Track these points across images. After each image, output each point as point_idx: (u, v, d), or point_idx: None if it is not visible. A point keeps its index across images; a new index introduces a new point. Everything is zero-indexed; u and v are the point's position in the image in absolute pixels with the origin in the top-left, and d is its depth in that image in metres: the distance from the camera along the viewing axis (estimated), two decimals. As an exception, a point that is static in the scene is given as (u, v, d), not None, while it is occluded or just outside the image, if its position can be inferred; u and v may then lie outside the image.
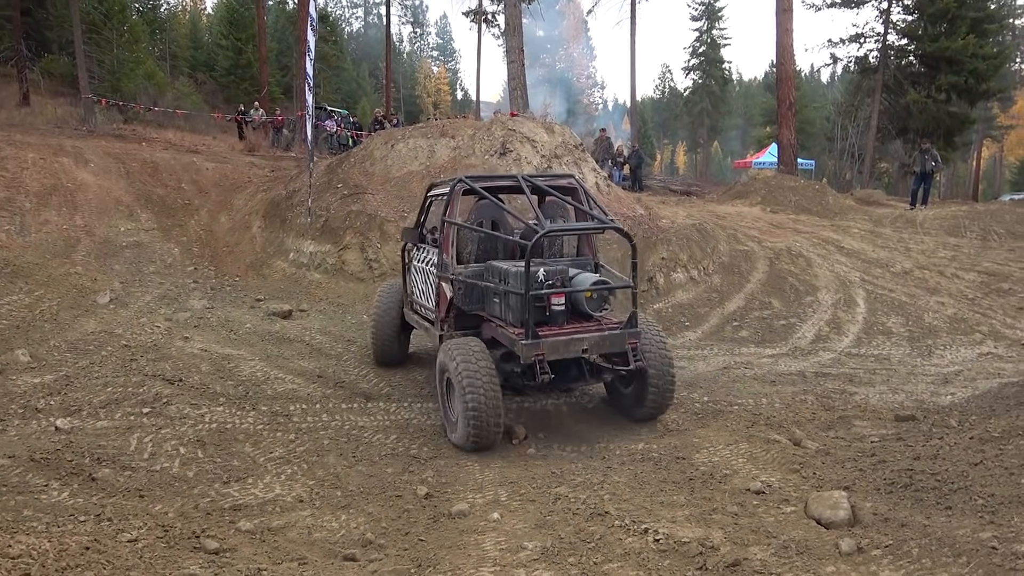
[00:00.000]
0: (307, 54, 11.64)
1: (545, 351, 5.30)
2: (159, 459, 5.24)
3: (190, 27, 48.87)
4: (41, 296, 8.64)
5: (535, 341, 5.27)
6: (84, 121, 22.59)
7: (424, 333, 7.15)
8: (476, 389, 5.29)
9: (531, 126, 12.36)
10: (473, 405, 5.28)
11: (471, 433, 5.39)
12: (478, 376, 5.33)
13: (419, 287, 7.08)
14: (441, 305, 6.28)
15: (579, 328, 5.58)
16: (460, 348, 5.55)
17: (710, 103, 51.61)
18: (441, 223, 6.25)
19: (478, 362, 5.42)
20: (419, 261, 7.07)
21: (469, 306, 6.16)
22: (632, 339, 5.58)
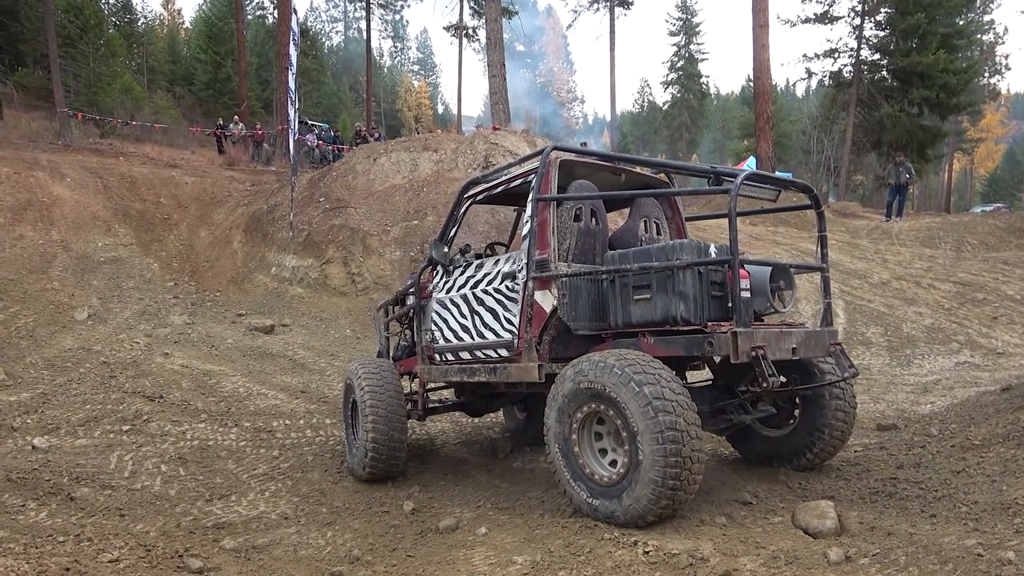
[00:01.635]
0: (289, 68, 11.62)
1: (762, 343, 3.60)
2: (140, 477, 5.16)
3: (168, 41, 48.55)
4: (17, 312, 8.50)
5: (751, 329, 3.61)
6: (60, 135, 22.31)
7: (486, 378, 4.73)
8: (677, 420, 3.38)
9: (513, 140, 12.41)
10: (675, 450, 3.35)
11: (666, 494, 3.41)
12: (676, 402, 3.42)
13: (457, 323, 5.03)
14: (535, 323, 4.30)
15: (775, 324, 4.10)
16: (626, 362, 3.55)
17: (688, 117, 52.19)
18: (532, 206, 4.38)
19: (668, 382, 3.48)
20: (456, 288, 5.08)
21: (578, 322, 4.27)
22: (834, 339, 4.19)
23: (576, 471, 3.85)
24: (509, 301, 4.55)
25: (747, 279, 3.78)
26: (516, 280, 4.49)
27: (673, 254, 3.91)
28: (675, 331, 3.85)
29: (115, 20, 41.36)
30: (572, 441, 3.86)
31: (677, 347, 3.81)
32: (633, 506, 3.48)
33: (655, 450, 3.36)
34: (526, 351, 4.36)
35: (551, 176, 4.43)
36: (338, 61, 56.99)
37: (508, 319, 4.56)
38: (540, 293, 4.29)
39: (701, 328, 3.72)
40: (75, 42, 30.02)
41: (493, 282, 4.72)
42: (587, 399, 3.72)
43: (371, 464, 5.12)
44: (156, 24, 52.53)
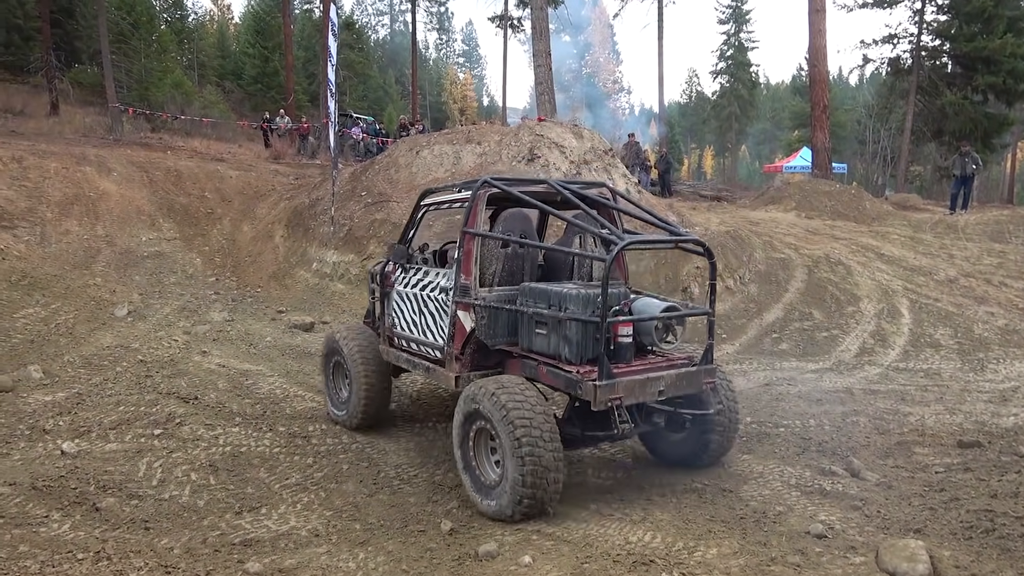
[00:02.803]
0: (329, 60, 11.40)
1: (622, 394, 4.20)
2: (168, 486, 4.95)
3: (218, 36, 49.27)
4: (58, 309, 8.45)
5: (611, 382, 4.14)
6: (111, 130, 22.68)
7: (423, 375, 5.63)
8: (539, 444, 4.09)
9: (559, 131, 12.00)
10: (534, 466, 4.07)
11: (526, 498, 4.14)
12: (540, 428, 4.14)
13: (408, 318, 5.65)
14: (457, 339, 4.96)
15: (650, 364, 4.54)
16: (508, 389, 4.28)
17: (738, 107, 50.82)
18: (460, 236, 4.94)
19: (536, 409, 4.20)
20: (409, 285, 5.67)
21: (494, 339, 4.88)
22: (709, 378, 4.66)
23: (468, 466, 4.66)
24: (443, 312, 5.18)
25: (629, 327, 4.44)
26: (448, 295, 5.07)
27: (562, 303, 4.47)
28: (559, 369, 4.41)
29: (166, 16, 42.04)
30: (469, 443, 4.63)
31: (559, 382, 4.44)
32: (504, 504, 4.26)
33: (514, 461, 4.11)
34: (449, 361, 5.10)
35: (479, 209, 4.96)
36: (384, 54, 57.12)
37: (442, 327, 5.20)
38: (462, 313, 4.95)
39: (577, 371, 4.29)
40: (127, 39, 30.52)
41: (434, 291, 5.32)
42: (476, 418, 4.48)
43: (362, 417, 5.98)
44: (206, 20, 53.36)
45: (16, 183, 12.05)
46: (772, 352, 9.31)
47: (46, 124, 23.01)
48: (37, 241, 10.51)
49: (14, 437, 5.53)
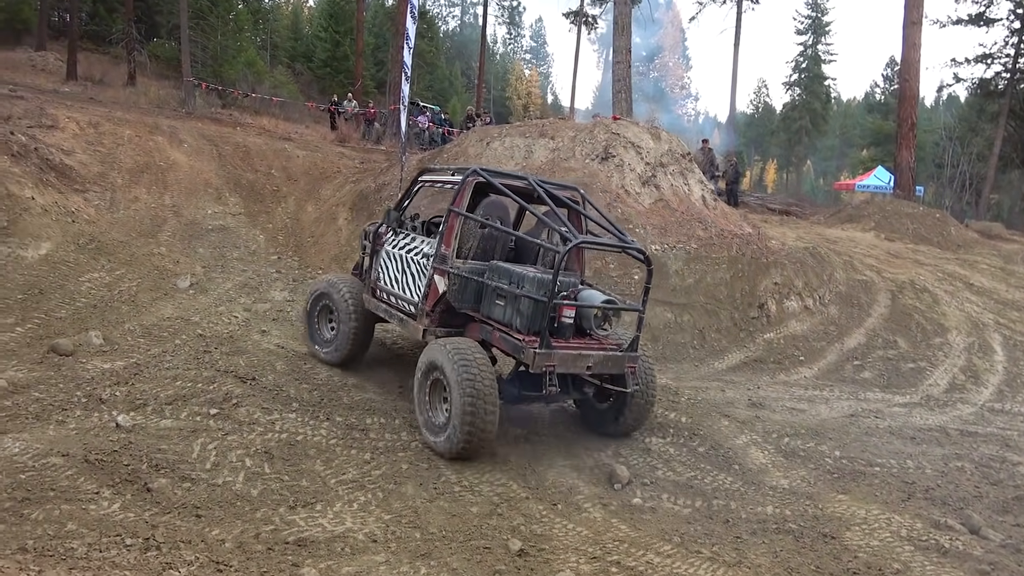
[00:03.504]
0: (406, 43, 11.15)
1: (556, 363, 5.16)
2: (222, 471, 4.70)
3: (292, 18, 49.95)
4: (122, 276, 8.36)
5: (549, 351, 5.12)
6: (184, 103, 23.00)
7: (396, 325, 6.52)
8: (479, 394, 5.02)
9: (636, 131, 11.52)
10: (472, 411, 5.00)
11: (463, 440, 5.10)
12: (482, 381, 5.07)
13: (392, 275, 6.49)
14: (430, 298, 5.88)
15: (585, 344, 5.49)
16: (460, 348, 5.25)
17: (809, 120, 49.27)
18: (447, 213, 5.88)
19: (481, 366, 5.15)
20: (397, 247, 6.48)
21: (461, 304, 5.83)
22: (631, 363, 5.55)
23: (423, 409, 5.51)
24: (422, 274, 6.00)
25: (573, 311, 5.35)
26: (429, 260, 5.91)
27: (521, 282, 5.39)
28: (510, 335, 5.32)
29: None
30: (426, 393, 5.49)
31: (508, 346, 5.37)
32: (449, 442, 5.15)
33: (459, 407, 4.99)
34: (420, 316, 5.93)
35: (465, 194, 5.82)
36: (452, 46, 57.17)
37: (419, 287, 6.02)
38: (438, 277, 5.79)
39: (523, 339, 5.20)
40: (206, 15, 31.02)
41: (417, 255, 6.14)
42: (433, 370, 5.36)
43: (347, 353, 6.70)
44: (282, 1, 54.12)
45: (91, 148, 12.12)
46: (854, 380, 8.71)
47: (123, 94, 23.46)
48: (107, 206, 10.52)
49: (71, 404, 5.36)
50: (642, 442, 6.04)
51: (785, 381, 8.42)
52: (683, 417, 6.55)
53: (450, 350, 5.22)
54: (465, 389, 5.01)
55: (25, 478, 4.18)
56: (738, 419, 6.58)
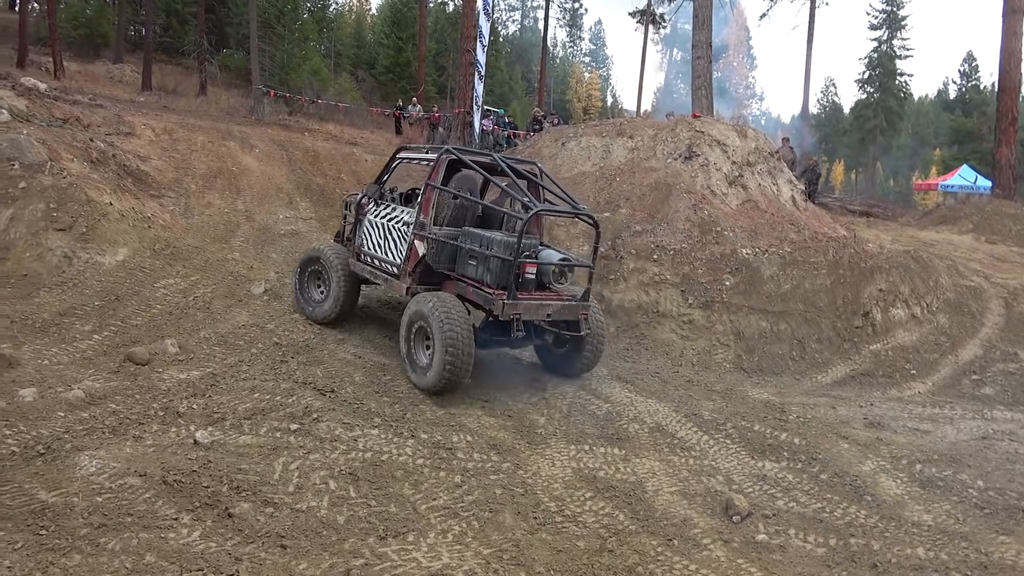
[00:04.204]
0: (479, 41, 10.78)
1: (521, 311, 6.11)
2: (306, 494, 4.34)
3: (355, 26, 50.55)
4: (196, 282, 8.20)
5: (515, 301, 6.06)
6: (253, 111, 23.25)
7: (381, 285, 7.45)
8: (456, 338, 5.87)
9: (722, 128, 10.87)
10: (452, 353, 5.86)
11: (446, 376, 5.93)
12: (459, 327, 5.94)
13: (375, 240, 7.40)
14: (411, 260, 6.81)
15: (545, 296, 6.43)
16: (441, 301, 6.14)
17: (884, 119, 47.10)
18: (424, 186, 6.83)
19: (458, 315, 6.05)
20: (379, 216, 7.39)
21: (438, 264, 6.75)
22: (584, 310, 6.54)
23: (409, 354, 6.34)
24: (403, 239, 6.93)
25: (535, 268, 6.33)
26: (409, 228, 6.86)
27: (490, 245, 6.29)
28: (482, 289, 6.23)
29: (309, 5, 43.38)
30: (411, 337, 6.31)
31: (479, 299, 6.28)
32: (431, 380, 5.99)
33: (441, 351, 5.85)
34: (403, 276, 6.88)
35: (439, 170, 6.78)
36: (512, 50, 56.91)
37: (401, 251, 6.96)
38: (418, 242, 6.72)
39: (492, 292, 6.11)
40: (273, 25, 31.48)
41: (398, 223, 7.07)
42: (418, 319, 6.18)
43: (336, 311, 7.47)
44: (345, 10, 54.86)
45: (166, 154, 12.15)
46: (975, 397, 7.91)
47: (195, 103, 23.89)
48: (181, 212, 10.46)
49: (147, 418, 5.11)
50: (754, 466, 5.47)
51: (899, 397, 7.68)
52: (795, 438, 5.93)
53: (433, 303, 6.09)
54: (446, 335, 5.86)
55: (102, 501, 3.90)
56: (858, 441, 5.93)
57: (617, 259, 9.14)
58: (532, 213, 6.18)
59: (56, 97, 13.15)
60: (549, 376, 7.07)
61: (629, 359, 8.11)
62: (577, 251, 9.24)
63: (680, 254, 9.07)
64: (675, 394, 6.98)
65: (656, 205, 9.83)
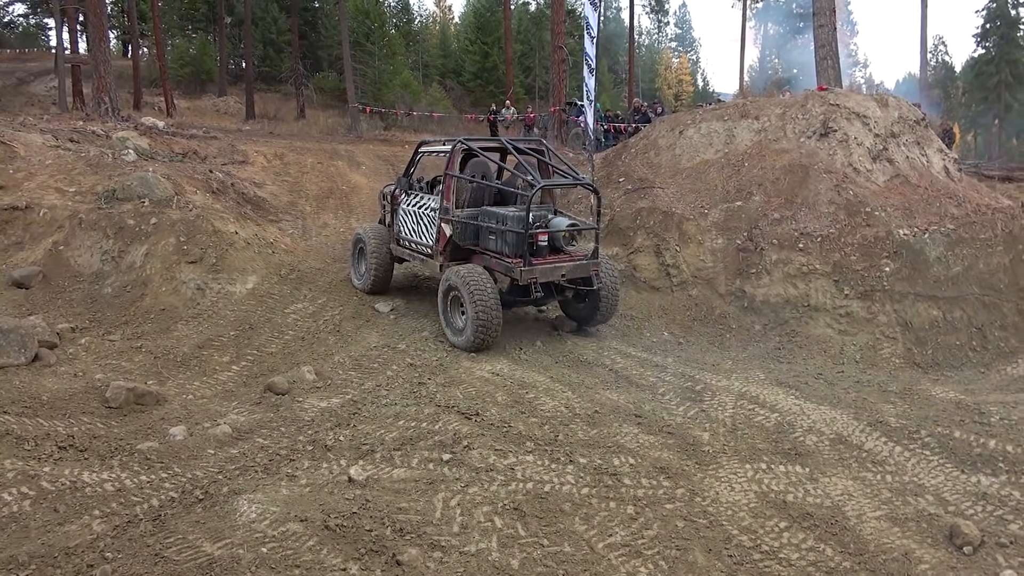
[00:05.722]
0: (588, 32, 10.29)
1: (537, 275, 6.97)
2: (472, 534, 3.99)
3: (439, 36, 51.03)
4: (324, 304, 8.11)
5: (531, 267, 6.92)
6: (351, 129, 23.66)
7: (418, 264, 8.63)
8: (485, 303, 6.75)
9: (859, 99, 9.91)
10: (483, 316, 6.74)
11: (478, 337, 6.84)
12: (486, 293, 6.79)
13: (410, 226, 8.35)
14: (441, 241, 7.67)
15: (558, 259, 7.26)
16: (469, 272, 7.01)
17: (1010, 73, 43.15)
18: (444, 175, 7.69)
19: (485, 283, 6.89)
20: (410, 205, 8.35)
21: (464, 242, 7.60)
22: (594, 267, 7.32)
23: (449, 322, 7.28)
24: (432, 223, 7.86)
25: (546, 235, 7.26)
26: (436, 212, 7.75)
27: (505, 220, 7.24)
28: (503, 259, 7.23)
29: (395, 21, 44.09)
30: (447, 308, 7.27)
31: (501, 268, 7.28)
32: (466, 339, 6.97)
33: (473, 316, 6.81)
34: (436, 254, 7.82)
35: (455, 160, 7.67)
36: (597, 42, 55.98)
37: (431, 233, 7.89)
38: (444, 225, 7.61)
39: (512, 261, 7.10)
40: (362, 44, 32.06)
41: (427, 209, 8.00)
42: (451, 288, 7.13)
43: (372, 283, 8.53)
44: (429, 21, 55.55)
45: (279, 178, 12.33)
46: None
47: (296, 126, 24.57)
48: (300, 234, 10.50)
49: (297, 453, 4.91)
50: (968, 482, 4.72)
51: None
52: (1008, 445, 5.12)
53: (463, 274, 6.98)
54: (476, 301, 6.73)
55: (267, 552, 3.67)
56: (1088, 446, 5.05)
57: (757, 251, 8.43)
58: (537, 188, 6.93)
59: (173, 133, 13.64)
60: (697, 380, 6.49)
61: (783, 360, 7.40)
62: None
63: (828, 240, 8.26)
64: (847, 398, 6.25)
65: (793, 189, 9.03)
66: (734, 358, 7.45)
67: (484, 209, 7.61)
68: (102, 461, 4.65)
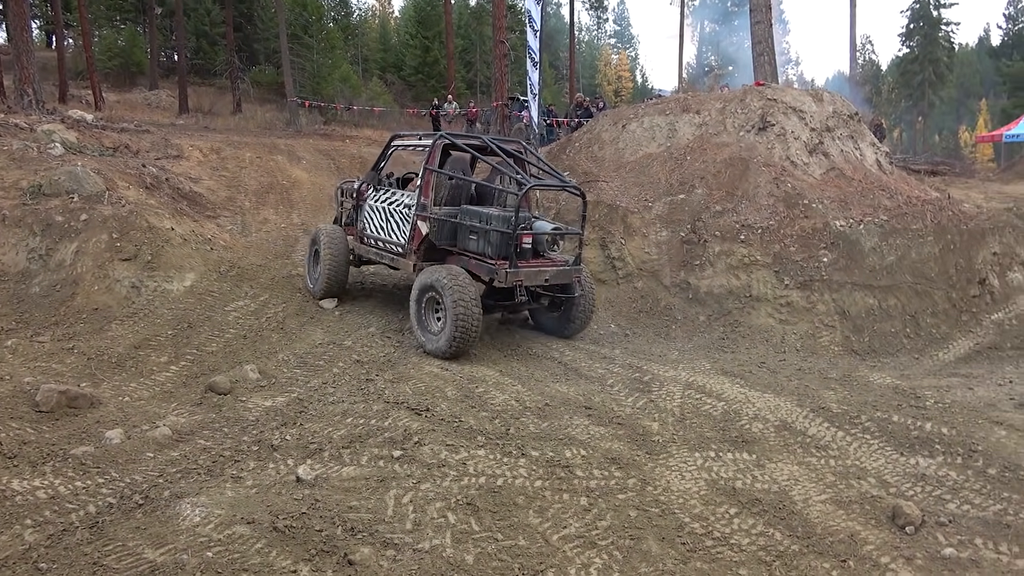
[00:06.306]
0: (530, 24, 10.28)
1: (522, 278, 6.67)
2: (426, 531, 3.92)
3: (379, 31, 50.40)
4: (266, 301, 7.89)
5: (517, 270, 6.62)
6: (290, 123, 23.18)
7: (387, 264, 7.97)
8: (467, 307, 6.36)
9: (795, 94, 10.18)
10: (463, 320, 6.35)
11: (456, 343, 6.44)
12: (469, 297, 6.41)
13: (377, 224, 7.95)
14: (415, 239, 7.29)
15: (541, 263, 6.95)
16: (451, 273, 6.58)
17: (933, 72, 45.10)
18: (423, 171, 7.29)
19: (468, 286, 6.53)
20: (379, 201, 7.93)
21: (440, 241, 7.19)
22: (576, 274, 7.14)
23: (421, 322, 6.86)
24: (406, 221, 7.44)
25: (531, 238, 6.87)
26: (410, 210, 7.35)
27: (489, 220, 6.80)
28: (484, 261, 6.82)
29: (334, 15, 43.29)
30: (422, 307, 6.83)
31: (483, 271, 6.90)
32: (443, 344, 6.54)
33: (452, 320, 6.38)
34: (409, 253, 7.40)
35: (435, 155, 7.27)
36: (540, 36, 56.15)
37: (404, 231, 7.47)
38: (421, 222, 7.21)
39: (494, 263, 6.71)
40: (300, 37, 31.38)
41: (399, 206, 7.57)
42: (429, 290, 6.71)
43: (324, 288, 7.99)
44: (368, 15, 54.79)
45: (216, 173, 11.95)
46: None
47: (232, 121, 23.91)
48: (239, 230, 10.20)
49: (242, 454, 4.75)
50: (907, 464, 4.89)
51: (1035, 374, 6.98)
52: (943, 428, 5.33)
53: (445, 276, 6.53)
54: (458, 304, 6.33)
55: (213, 556, 3.53)
56: (1016, 426, 5.30)
57: (700, 243, 8.57)
58: (527, 188, 6.66)
59: (103, 127, 13.08)
60: (645, 371, 6.56)
61: (728, 349, 7.55)
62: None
63: (768, 232, 8.46)
64: (790, 385, 6.41)
65: (734, 182, 9.21)
66: (680, 349, 7.56)
67: (465, 208, 7.19)
68: (33, 468, 4.40)
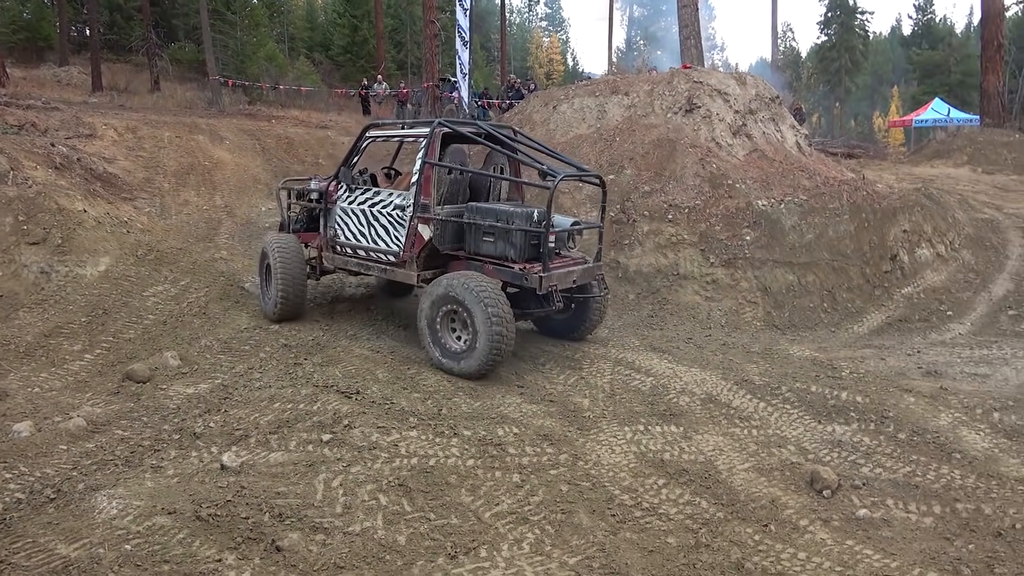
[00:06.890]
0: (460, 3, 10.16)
1: (556, 281, 5.82)
2: (356, 514, 3.87)
3: (306, 8, 49.00)
4: (187, 286, 7.60)
5: (549, 273, 5.75)
6: (212, 102, 22.32)
7: (376, 276, 7.02)
8: (503, 320, 5.52)
9: (720, 77, 10.40)
10: (498, 335, 5.51)
11: (493, 358, 5.59)
12: (503, 308, 5.57)
13: (355, 229, 6.82)
14: (416, 246, 6.28)
15: (563, 262, 6.15)
16: (477, 282, 5.68)
17: (849, 60, 46.88)
18: (420, 165, 6.19)
19: (499, 295, 5.65)
20: (356, 203, 6.80)
21: (444, 246, 6.27)
22: (599, 271, 6.50)
23: (436, 340, 5.92)
24: (398, 225, 6.40)
25: (554, 235, 5.80)
26: (404, 212, 6.31)
27: (510, 219, 5.87)
28: (506, 265, 5.90)
29: (257, -10, 41.80)
30: (436, 322, 5.89)
31: (506, 276, 5.93)
32: (475, 364, 5.64)
33: (488, 338, 5.52)
34: (409, 262, 6.35)
35: (435, 145, 6.18)
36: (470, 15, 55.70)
37: (397, 237, 6.42)
38: (422, 225, 6.19)
39: (521, 267, 5.82)
40: (222, 13, 30.21)
41: (387, 208, 6.50)
42: (449, 302, 5.75)
43: (280, 310, 6.91)
44: (295, -7, 53.06)
45: (132, 153, 11.43)
46: (1016, 333, 7.65)
47: (150, 99, 22.86)
48: (158, 213, 9.80)
49: (163, 443, 4.58)
50: (824, 432, 5.10)
51: (942, 341, 7.38)
52: (857, 396, 5.57)
53: (474, 286, 5.63)
54: (493, 319, 5.50)
55: (132, 549, 3.40)
56: (923, 393, 5.59)
57: (629, 223, 8.69)
58: (559, 180, 5.78)
59: (7, 104, 12.30)
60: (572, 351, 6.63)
61: (656, 326, 7.70)
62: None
63: (695, 211, 8.65)
64: (715, 360, 6.59)
65: (662, 163, 9.37)
66: (610, 326, 7.67)
67: (474, 206, 6.20)
68: (-69, 465, 4.14)
